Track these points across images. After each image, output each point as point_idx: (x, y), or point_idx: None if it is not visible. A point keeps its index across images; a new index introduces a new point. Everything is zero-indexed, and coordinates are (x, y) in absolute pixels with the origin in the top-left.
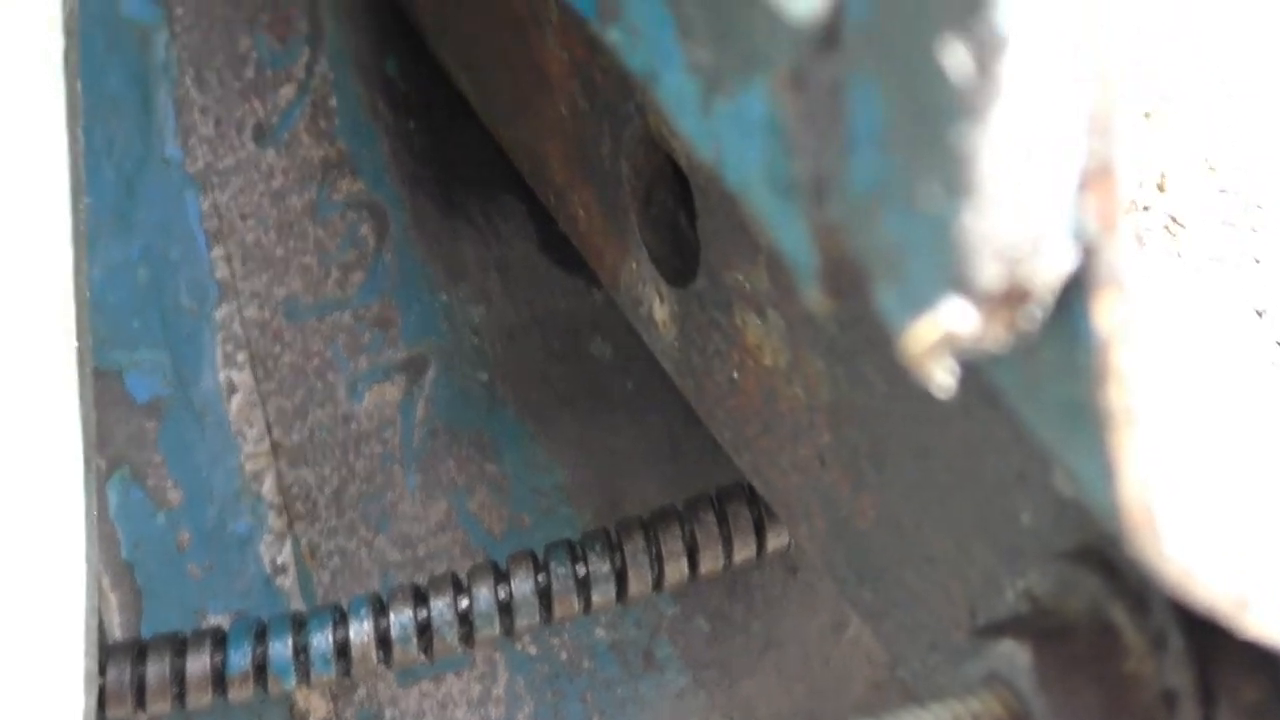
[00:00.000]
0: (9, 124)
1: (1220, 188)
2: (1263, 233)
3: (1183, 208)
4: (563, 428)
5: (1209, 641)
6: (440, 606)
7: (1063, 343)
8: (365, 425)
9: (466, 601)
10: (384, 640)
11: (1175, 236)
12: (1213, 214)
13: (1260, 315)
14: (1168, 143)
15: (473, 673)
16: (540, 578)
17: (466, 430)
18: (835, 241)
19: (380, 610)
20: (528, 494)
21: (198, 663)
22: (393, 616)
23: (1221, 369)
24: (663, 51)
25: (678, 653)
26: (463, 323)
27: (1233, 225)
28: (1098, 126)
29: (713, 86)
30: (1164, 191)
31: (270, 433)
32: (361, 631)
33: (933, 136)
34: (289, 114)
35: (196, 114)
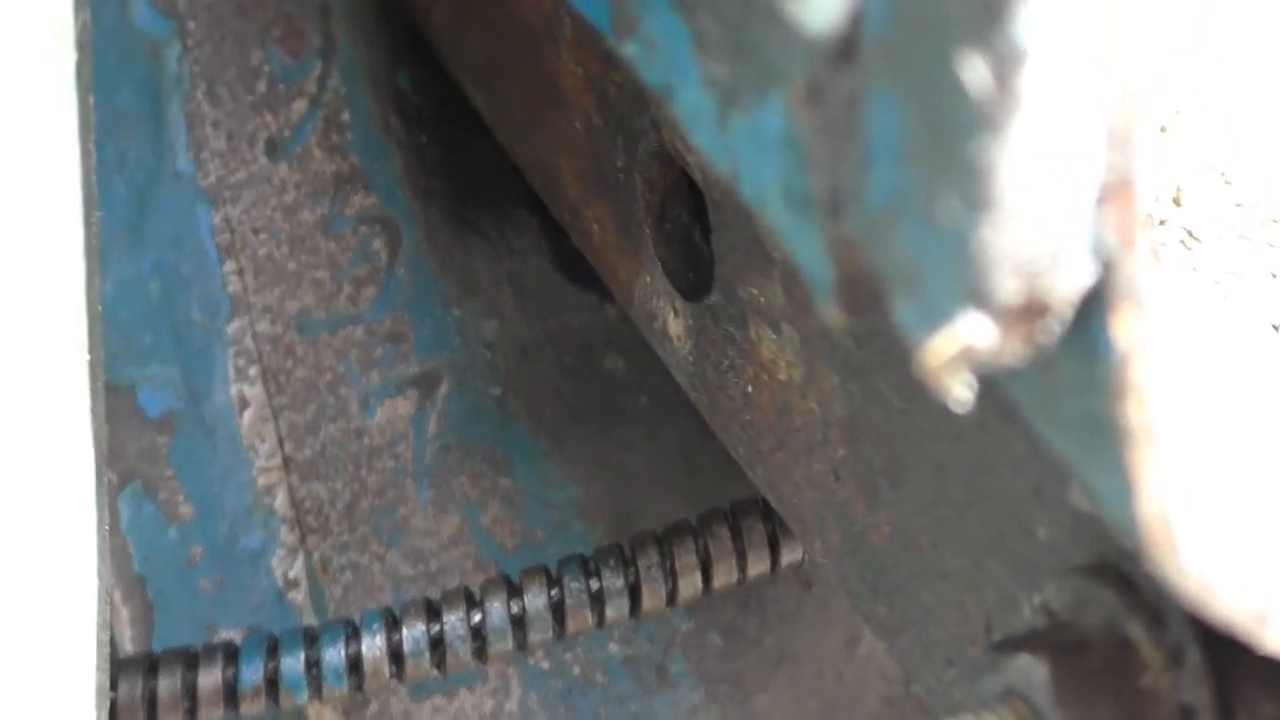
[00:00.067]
0: (21, 138)
1: (1236, 201)
2: (1279, 247)
3: (1198, 222)
4: (576, 443)
5: (1226, 656)
6: (453, 621)
7: (1081, 357)
8: (377, 440)
9: (479, 616)
10: (396, 655)
11: (1191, 251)
12: (1229, 228)
13: (1277, 329)
14: (1183, 156)
15: (485, 688)
16: (553, 592)
17: (479, 445)
18: (852, 256)
19: (392, 625)
20: (540, 509)
21: (209, 677)
22: (405, 631)
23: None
24: (679, 66)
25: (691, 667)
26: (475, 338)
27: (1249, 239)
28: (1117, 140)
29: (729, 101)
30: (1179, 205)
31: (282, 447)
32: (373, 646)
33: (951, 150)
34: (301, 128)
35: (208, 128)
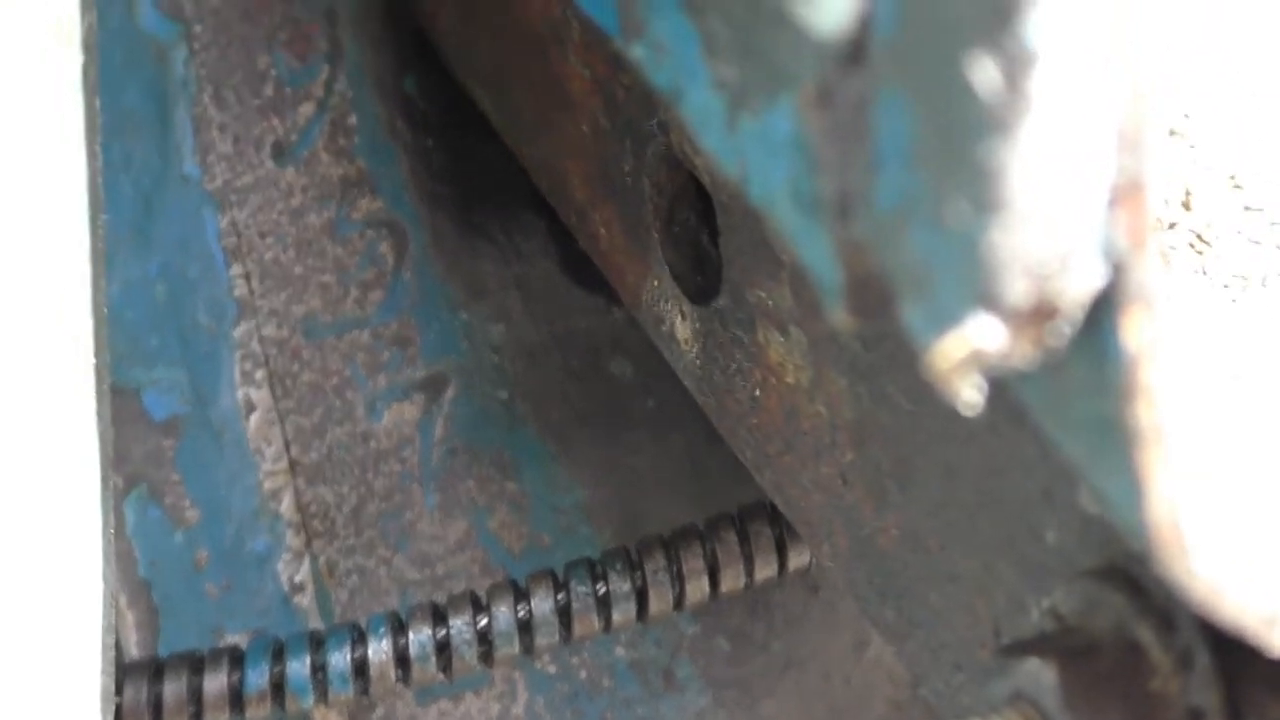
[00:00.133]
0: (28, 139)
1: (1245, 204)
2: None
3: (1208, 225)
4: (583, 446)
5: (1236, 660)
6: (459, 625)
7: (1091, 360)
8: (384, 444)
9: (485, 620)
10: (402, 659)
11: (1201, 254)
12: (1238, 231)
13: None
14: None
15: (492, 692)
16: (560, 596)
17: (486, 449)
18: (861, 258)
19: (399, 628)
20: (547, 513)
21: (215, 681)
22: (411, 635)
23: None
24: (687, 68)
25: (698, 672)
26: (482, 341)
27: (1258, 243)
28: (1127, 142)
29: (738, 103)
30: (1189, 209)
31: (288, 451)
32: (380, 650)
33: (961, 152)
34: (308, 132)
35: (215, 131)
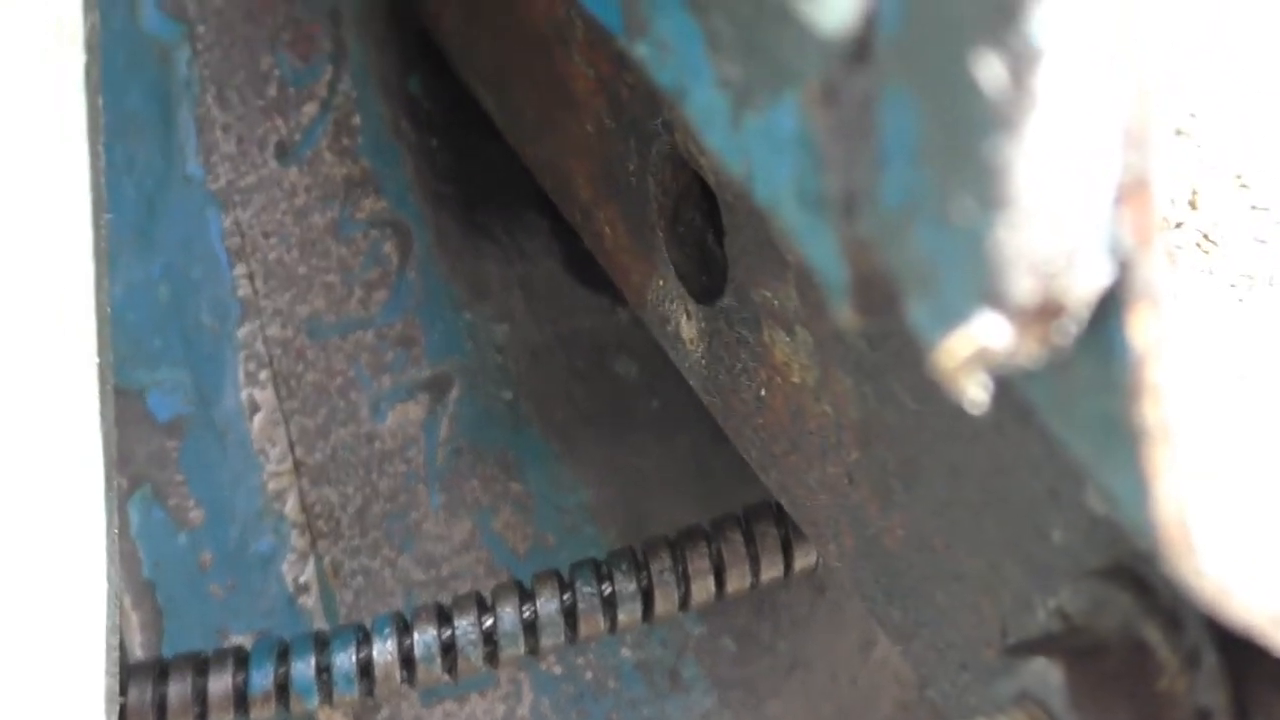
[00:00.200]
0: (30, 140)
1: (1252, 204)
2: None
3: (1214, 224)
4: (587, 447)
5: (1243, 659)
6: (464, 626)
7: (1097, 358)
8: (389, 444)
9: (491, 621)
10: (407, 660)
11: (1207, 254)
12: (1245, 231)
13: None
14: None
15: (497, 693)
16: (565, 597)
17: (490, 449)
18: (866, 257)
19: (404, 629)
20: (552, 513)
21: (220, 682)
22: (416, 636)
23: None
24: (691, 66)
25: (704, 672)
26: (486, 341)
27: (1265, 242)
28: (1133, 139)
29: (742, 101)
30: (1195, 209)
31: (293, 451)
32: (385, 651)
33: (966, 150)
34: (311, 132)
35: (218, 132)
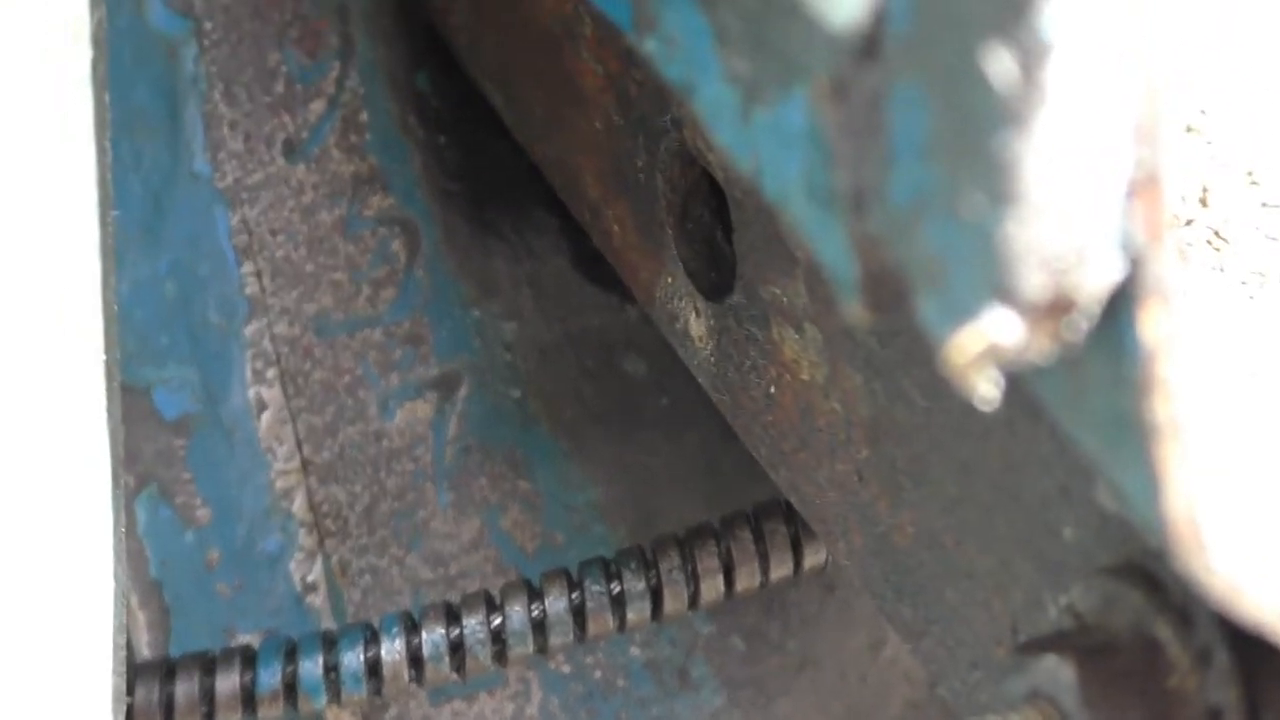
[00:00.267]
0: (37, 136)
1: (1263, 201)
2: None
3: (1225, 222)
4: (596, 445)
5: (1254, 657)
6: (473, 624)
7: (1108, 354)
8: (397, 442)
9: (499, 619)
10: (416, 659)
11: (1218, 250)
12: (1255, 228)
13: None
14: (1209, 156)
15: (505, 692)
16: (574, 595)
17: (499, 447)
18: (876, 253)
19: (412, 628)
20: (561, 511)
21: (227, 681)
22: (424, 635)
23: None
24: (700, 62)
25: (713, 671)
26: (495, 339)
27: (1275, 239)
28: (1144, 135)
29: (751, 97)
30: (1206, 206)
31: (300, 450)
32: (393, 650)
33: (976, 145)
34: (319, 129)
35: (225, 129)
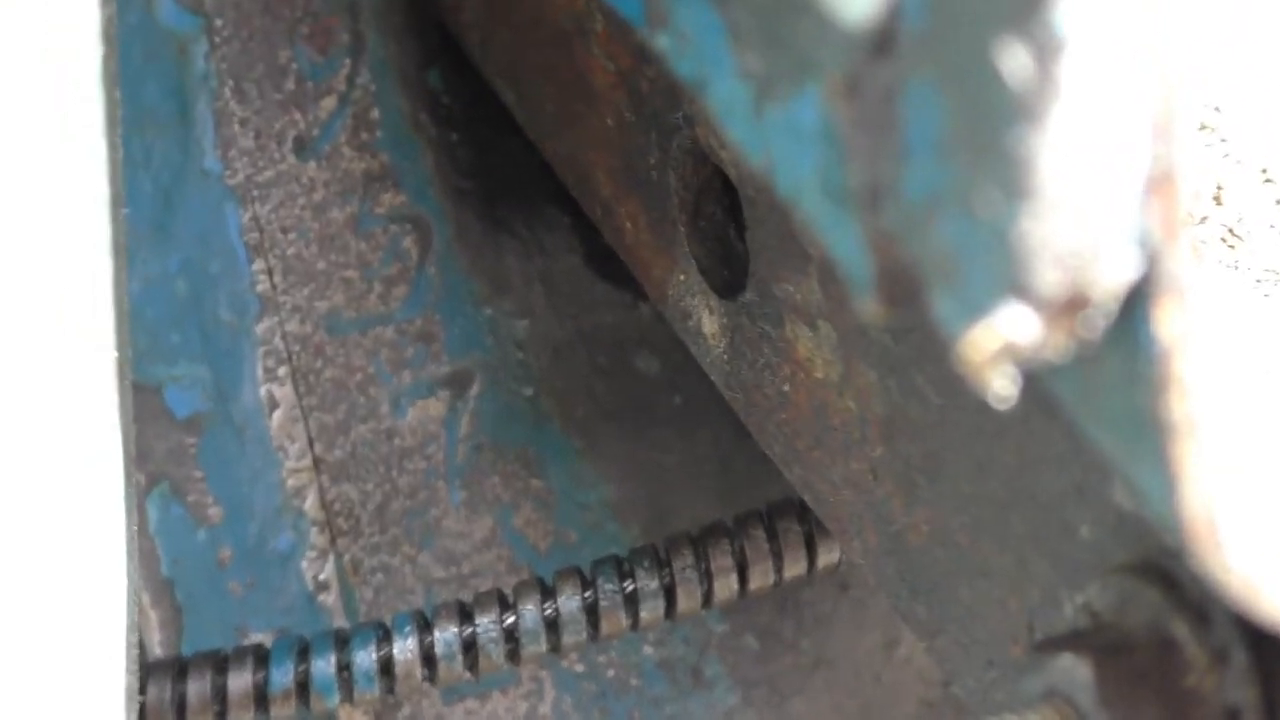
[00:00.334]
0: (48, 133)
1: (1277, 199)
2: None
3: (1239, 220)
4: (609, 443)
5: (1272, 656)
6: (485, 623)
7: (1124, 352)
8: (409, 441)
9: (512, 618)
10: (428, 657)
11: (1232, 249)
12: (1270, 225)
13: None
14: (1223, 153)
15: (518, 690)
16: (587, 594)
17: (511, 446)
18: (890, 249)
19: (425, 627)
20: (574, 510)
21: (239, 680)
22: (437, 633)
23: None
24: (713, 58)
25: (727, 670)
26: (507, 337)
27: None
28: (1160, 131)
29: (764, 93)
30: (1220, 203)
31: (312, 448)
32: (405, 649)
33: (991, 141)
34: (330, 126)
35: (236, 126)
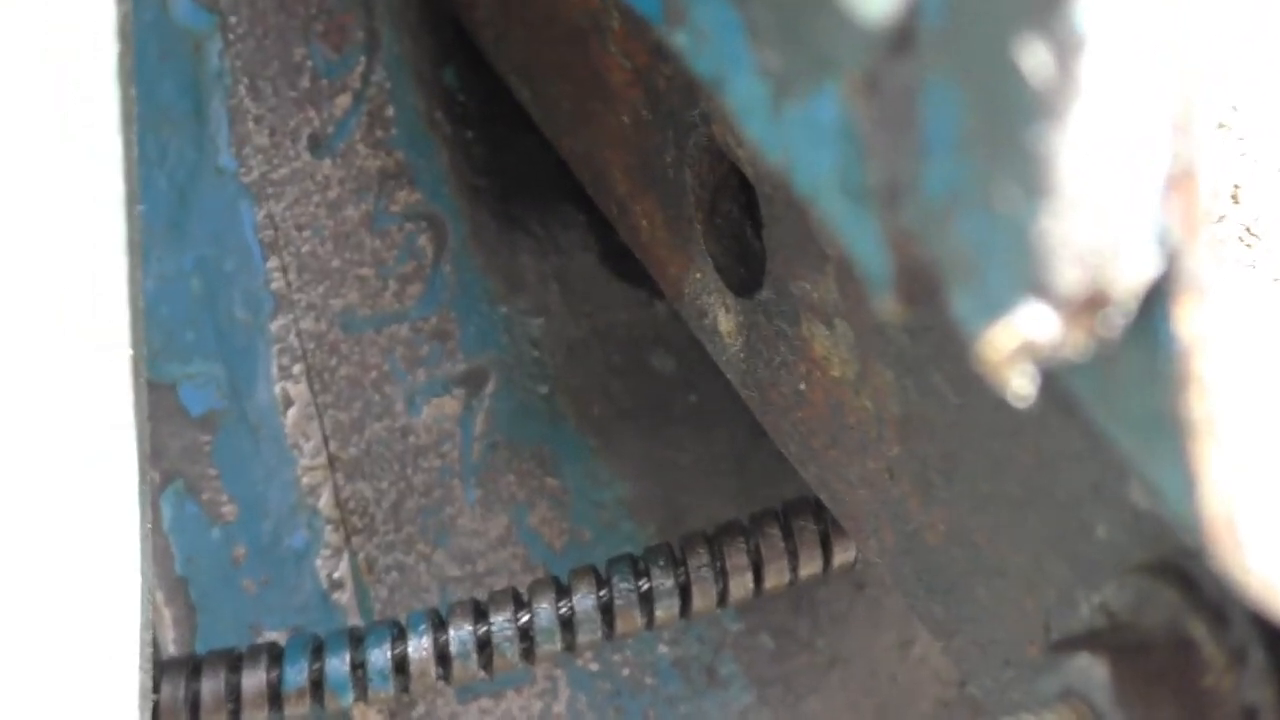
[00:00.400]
0: (63, 130)
1: None
2: None
3: (1256, 219)
4: (624, 441)
5: None
6: (500, 622)
7: (1143, 350)
8: (423, 439)
9: (527, 617)
10: (443, 656)
11: (1250, 247)
12: None
13: None
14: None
15: (533, 689)
16: (602, 593)
17: (526, 444)
18: (909, 247)
19: (439, 625)
20: (589, 508)
21: (253, 679)
22: (452, 632)
23: None
24: (731, 55)
25: (742, 669)
26: (522, 335)
27: None
28: (1180, 128)
29: (782, 90)
30: (1237, 202)
31: (327, 446)
32: (420, 647)
33: (1010, 138)
34: (345, 124)
35: (251, 123)
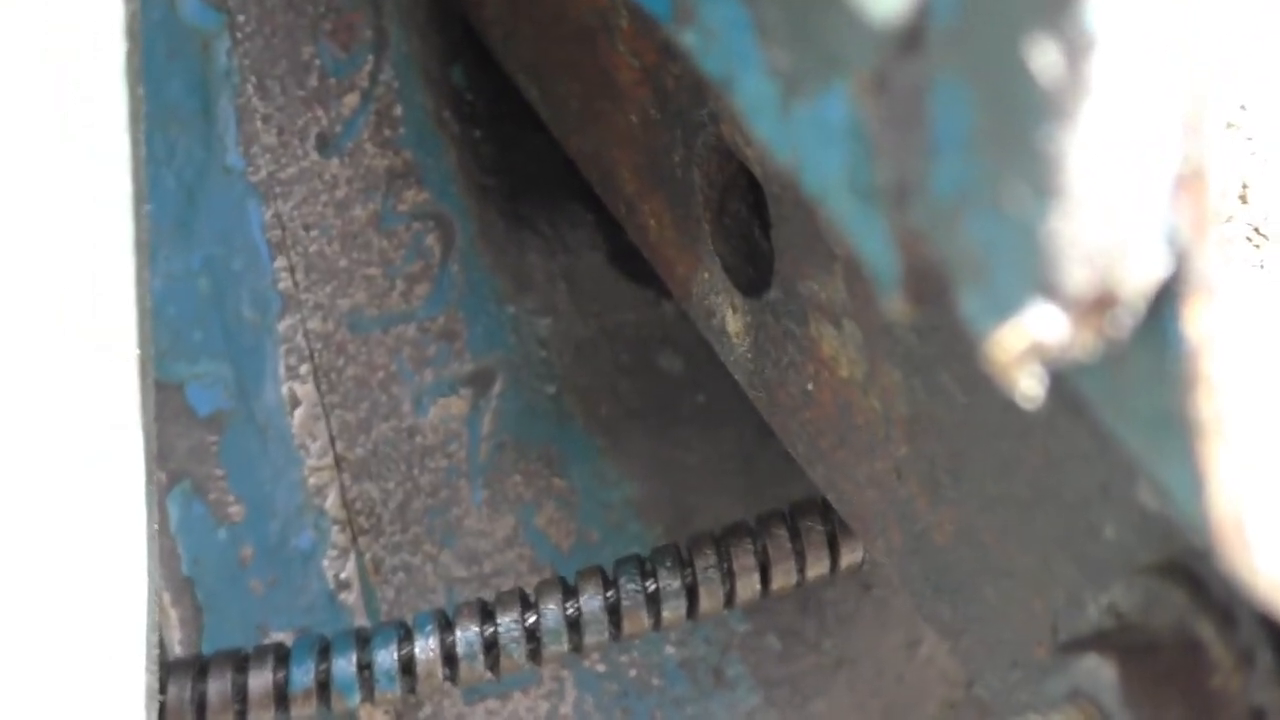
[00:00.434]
0: (71, 129)
1: None
2: None
3: (1265, 219)
4: (632, 442)
5: None
6: (507, 622)
7: (1152, 350)
8: (430, 439)
9: (534, 618)
10: (450, 657)
11: (1258, 247)
12: None
13: None
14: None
15: (540, 690)
16: (609, 594)
17: (534, 444)
18: (918, 247)
19: (446, 626)
20: (596, 509)
21: (260, 679)
22: (459, 633)
23: None
24: (739, 54)
25: (749, 670)
26: (530, 335)
27: None
28: (1190, 128)
29: (791, 89)
30: (1246, 202)
31: (334, 446)
32: (427, 648)
33: (1019, 138)
34: (353, 123)
35: (259, 122)
